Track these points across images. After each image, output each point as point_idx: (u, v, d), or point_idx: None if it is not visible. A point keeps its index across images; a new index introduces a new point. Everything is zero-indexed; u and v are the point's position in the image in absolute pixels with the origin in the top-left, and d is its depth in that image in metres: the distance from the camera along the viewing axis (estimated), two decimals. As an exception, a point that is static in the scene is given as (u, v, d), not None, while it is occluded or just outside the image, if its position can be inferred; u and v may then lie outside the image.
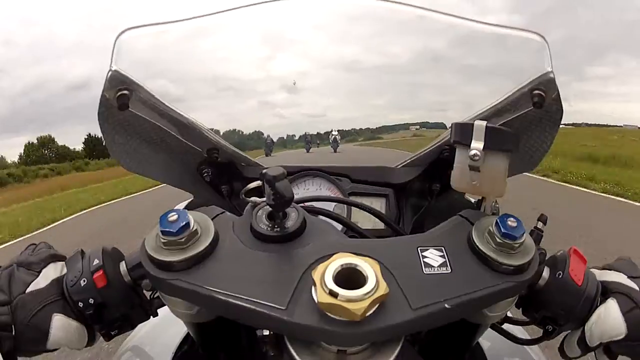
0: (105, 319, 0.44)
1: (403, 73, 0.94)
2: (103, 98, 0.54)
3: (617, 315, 0.41)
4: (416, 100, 1.07)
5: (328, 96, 1.01)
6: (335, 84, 0.99)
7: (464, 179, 0.42)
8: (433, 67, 0.88)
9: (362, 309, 0.31)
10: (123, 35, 0.54)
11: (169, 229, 0.37)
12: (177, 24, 0.59)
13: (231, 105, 0.86)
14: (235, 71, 0.90)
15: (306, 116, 1.09)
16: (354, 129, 1.51)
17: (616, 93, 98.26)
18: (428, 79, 0.95)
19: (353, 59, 0.94)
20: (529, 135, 0.58)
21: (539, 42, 0.52)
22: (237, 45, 0.78)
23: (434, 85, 0.96)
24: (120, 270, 0.44)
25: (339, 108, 1.12)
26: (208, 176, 0.74)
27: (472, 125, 0.40)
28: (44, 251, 0.46)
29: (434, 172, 0.74)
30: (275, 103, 1.00)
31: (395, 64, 0.92)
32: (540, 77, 0.51)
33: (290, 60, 0.93)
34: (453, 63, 0.82)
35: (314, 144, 1.98)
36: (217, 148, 0.72)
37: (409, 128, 1.24)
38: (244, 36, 0.75)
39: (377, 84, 1.01)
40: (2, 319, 0.40)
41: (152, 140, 0.64)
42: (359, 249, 0.38)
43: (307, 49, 0.89)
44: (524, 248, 0.39)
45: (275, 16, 0.68)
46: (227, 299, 0.35)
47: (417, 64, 0.89)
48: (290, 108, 1.04)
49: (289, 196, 0.39)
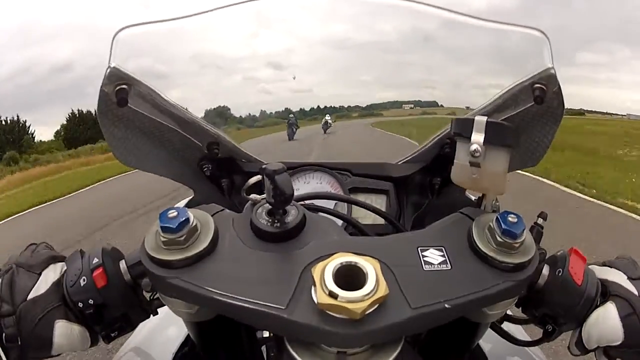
0: (105, 319, 0.44)
1: (392, 51, 0.94)
2: (102, 94, 0.54)
3: (615, 320, 0.41)
4: (405, 78, 1.06)
5: (315, 73, 1.00)
6: (322, 61, 0.99)
7: (465, 174, 0.42)
8: (422, 46, 0.88)
9: (362, 309, 0.31)
10: (121, 32, 0.54)
11: (168, 224, 0.37)
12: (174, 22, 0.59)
13: (224, 87, 0.85)
14: (225, 52, 0.90)
15: (292, 91, 1.06)
16: (342, 107, 1.44)
17: (606, 79, 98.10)
18: (417, 58, 0.95)
19: (342, 36, 0.94)
20: (530, 130, 0.57)
21: (540, 37, 0.52)
22: (229, 30, 0.78)
23: (424, 65, 0.96)
24: (120, 269, 0.44)
25: (326, 84, 1.10)
26: (208, 171, 0.75)
27: (472, 120, 0.40)
28: (44, 252, 0.46)
29: (434, 167, 0.74)
30: (261, 79, 0.99)
31: (385, 41, 0.91)
32: (541, 72, 0.51)
33: (278, 38, 0.92)
34: (442, 43, 0.82)
35: (295, 126, 1.64)
36: (217, 142, 0.72)
37: (402, 107, 1.23)
38: (236, 22, 0.75)
39: (366, 62, 1.01)
40: (8, 331, 0.40)
41: (152, 135, 0.64)
42: (359, 247, 0.38)
43: (294, 27, 0.88)
44: (524, 246, 0.39)
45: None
46: (226, 299, 0.35)
47: (406, 44, 0.88)
48: (276, 83, 1.02)
49: (289, 191, 0.39)
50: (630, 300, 0.42)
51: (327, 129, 1.83)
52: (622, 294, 0.42)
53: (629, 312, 0.41)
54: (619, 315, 0.41)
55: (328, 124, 1.78)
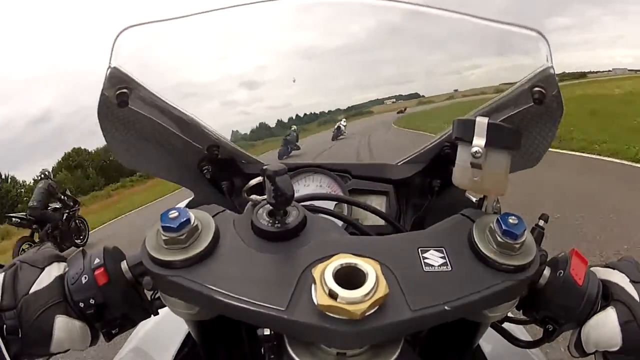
0: (106, 318, 0.44)
1: (364, 51, 0.93)
2: (102, 96, 0.54)
3: (614, 326, 0.41)
4: (382, 76, 1.06)
5: (290, 86, 1.00)
6: (295, 73, 0.99)
7: (466, 176, 0.42)
8: (393, 41, 0.87)
9: (362, 309, 0.31)
10: (122, 34, 0.54)
11: (169, 224, 0.37)
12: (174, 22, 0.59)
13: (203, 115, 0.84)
14: (197, 76, 0.90)
15: (270, 109, 1.05)
16: (322, 112, 1.32)
17: (581, 41, 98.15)
18: (390, 54, 0.95)
19: (312, 44, 0.94)
20: (529, 131, 0.58)
21: (538, 38, 0.52)
22: (197, 50, 0.79)
23: (398, 60, 0.96)
24: (121, 268, 0.44)
25: (303, 95, 1.08)
26: (208, 173, 0.74)
27: (473, 121, 0.40)
28: (48, 250, 0.46)
29: (434, 168, 0.74)
30: (239, 101, 0.98)
31: (354, 43, 0.91)
32: (540, 73, 0.51)
33: (249, 56, 0.92)
34: (412, 34, 0.82)
35: (293, 144, 1.27)
36: (217, 145, 0.72)
37: (384, 103, 1.22)
38: (203, 40, 0.75)
39: (341, 66, 1.00)
40: (9, 323, 0.40)
41: (152, 137, 0.64)
42: (359, 247, 0.38)
43: (263, 42, 0.88)
44: (525, 247, 0.39)
45: (230, 18, 0.68)
46: (227, 299, 0.35)
47: (376, 40, 0.88)
48: (252, 104, 1.01)
49: (289, 192, 0.39)
50: (631, 306, 0.42)
51: (338, 136, 1.35)
52: (623, 299, 0.42)
53: (629, 319, 0.41)
54: (619, 322, 0.41)
55: (341, 131, 1.34)
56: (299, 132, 1.25)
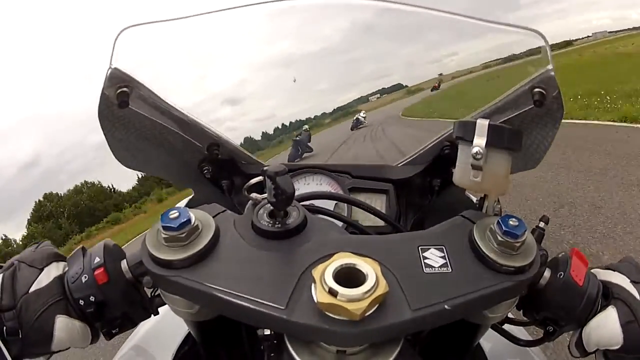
0: (106, 317, 0.44)
1: (340, 52, 0.93)
2: (103, 96, 0.54)
3: (616, 325, 0.42)
4: (360, 74, 1.05)
5: (272, 97, 0.98)
6: (275, 83, 0.97)
7: (466, 177, 0.42)
8: (368, 38, 0.86)
9: (362, 309, 0.31)
10: (122, 33, 0.54)
11: (170, 224, 0.37)
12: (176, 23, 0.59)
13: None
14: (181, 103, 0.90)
15: (255, 121, 1.03)
16: (309, 118, 1.29)
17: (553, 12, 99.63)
18: (367, 51, 0.94)
19: (289, 52, 0.92)
20: (529, 133, 0.58)
21: (539, 40, 0.52)
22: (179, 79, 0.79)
23: (376, 55, 0.95)
24: (121, 268, 0.44)
25: (286, 105, 1.06)
26: (208, 172, 0.74)
27: (474, 123, 0.40)
28: (47, 249, 0.46)
29: (434, 169, 0.74)
30: (224, 118, 0.96)
31: (330, 45, 0.91)
32: (541, 75, 0.51)
33: (228, 72, 0.92)
34: (385, 28, 0.81)
35: (305, 145, 1.13)
36: (217, 144, 0.72)
37: (369, 99, 1.22)
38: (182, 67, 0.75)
39: (320, 69, 0.99)
40: (9, 325, 0.40)
41: (152, 137, 0.64)
42: (359, 247, 0.38)
43: (241, 56, 0.88)
44: (526, 248, 0.39)
45: (204, 33, 0.68)
46: (227, 298, 0.35)
47: (350, 40, 0.88)
48: (236, 120, 0.99)
49: (290, 192, 0.39)
50: (632, 305, 0.42)
51: (358, 125, 1.28)
52: (624, 298, 0.43)
53: (630, 319, 0.41)
54: (620, 322, 0.41)
55: (360, 121, 1.29)
56: (311, 132, 1.12)
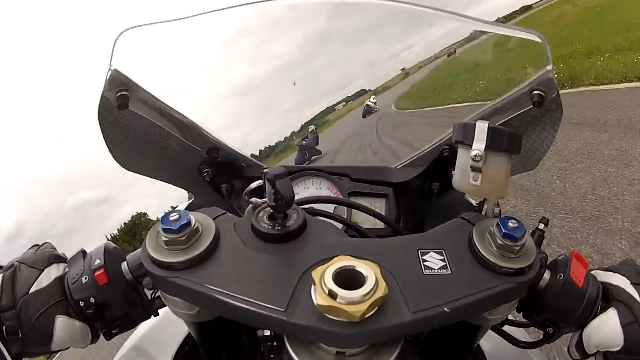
0: (106, 318, 0.44)
1: (296, 66, 0.91)
2: (103, 98, 0.54)
3: (616, 327, 0.41)
4: (322, 86, 1.05)
5: (237, 126, 0.96)
6: (240, 113, 0.97)
7: (466, 180, 0.42)
8: (322, 47, 0.86)
9: (361, 312, 0.31)
10: (122, 35, 0.54)
11: (170, 227, 0.37)
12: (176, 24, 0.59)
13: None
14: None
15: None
16: (279, 142, 1.26)
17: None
18: (325, 60, 0.93)
19: (247, 76, 0.92)
20: (529, 134, 0.58)
21: (538, 42, 0.52)
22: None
23: (332, 64, 0.94)
24: (121, 269, 0.44)
25: (254, 132, 1.03)
26: (208, 176, 0.74)
27: (474, 125, 0.40)
28: (48, 251, 0.46)
29: (434, 172, 0.74)
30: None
31: (285, 62, 0.90)
32: (540, 76, 0.51)
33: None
34: (338, 34, 0.80)
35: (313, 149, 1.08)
36: (217, 148, 0.72)
37: (335, 109, 1.22)
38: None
39: (277, 91, 0.96)
40: (9, 324, 0.40)
41: (152, 139, 0.64)
42: (359, 250, 0.38)
43: (198, 93, 0.86)
44: (526, 250, 0.39)
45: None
46: (227, 300, 0.35)
47: (303, 51, 0.88)
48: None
49: (290, 196, 0.39)
50: (632, 307, 0.42)
51: (370, 112, 1.28)
52: (624, 300, 0.43)
53: (631, 320, 0.41)
54: (621, 323, 0.41)
55: (371, 108, 1.28)
56: (318, 133, 1.07)
